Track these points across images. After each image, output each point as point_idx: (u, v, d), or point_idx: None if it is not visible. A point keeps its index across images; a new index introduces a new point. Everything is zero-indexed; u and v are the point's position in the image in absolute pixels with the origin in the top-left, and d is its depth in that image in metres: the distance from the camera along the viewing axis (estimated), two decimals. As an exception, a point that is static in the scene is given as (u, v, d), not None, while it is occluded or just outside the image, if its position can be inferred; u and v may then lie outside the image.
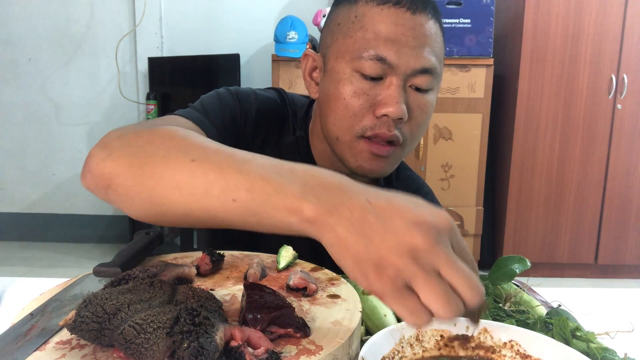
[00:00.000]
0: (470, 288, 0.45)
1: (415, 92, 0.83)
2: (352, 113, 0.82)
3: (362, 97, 0.82)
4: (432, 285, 0.44)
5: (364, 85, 0.81)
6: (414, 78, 0.82)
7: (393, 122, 0.81)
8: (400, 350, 0.55)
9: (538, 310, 0.69)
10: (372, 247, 0.45)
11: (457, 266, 0.45)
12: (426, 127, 0.90)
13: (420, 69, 0.81)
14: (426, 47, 0.82)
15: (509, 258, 0.73)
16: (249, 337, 0.49)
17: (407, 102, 0.82)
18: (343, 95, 0.83)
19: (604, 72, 2.87)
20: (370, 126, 0.82)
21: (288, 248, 0.79)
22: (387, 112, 0.80)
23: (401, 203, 0.47)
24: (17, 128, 3.50)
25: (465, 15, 2.79)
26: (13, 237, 3.55)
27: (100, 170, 0.60)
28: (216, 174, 0.52)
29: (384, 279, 0.44)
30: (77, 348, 0.51)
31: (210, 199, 0.53)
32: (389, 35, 0.80)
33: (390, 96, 0.80)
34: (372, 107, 0.82)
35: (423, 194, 1.04)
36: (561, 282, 3.03)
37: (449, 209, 2.97)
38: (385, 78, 0.81)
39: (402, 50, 0.80)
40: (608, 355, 0.57)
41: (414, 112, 0.83)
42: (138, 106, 3.44)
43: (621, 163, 2.95)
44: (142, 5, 3.29)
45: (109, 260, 0.70)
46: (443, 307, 0.44)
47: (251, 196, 0.50)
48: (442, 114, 2.88)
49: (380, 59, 0.80)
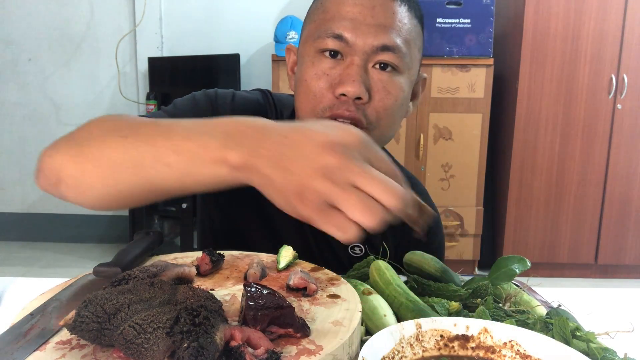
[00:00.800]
0: (386, 192, 0.47)
1: (379, 71, 0.81)
2: (312, 94, 0.82)
3: (323, 78, 0.81)
4: (349, 198, 0.47)
5: (325, 66, 0.81)
6: (375, 56, 0.80)
7: (353, 102, 0.80)
8: (400, 350, 0.55)
9: (538, 310, 0.69)
10: (292, 177, 0.48)
11: (370, 175, 0.47)
12: (398, 114, 0.86)
13: (379, 45, 0.79)
14: (388, 26, 0.80)
15: (509, 258, 0.73)
16: (249, 337, 0.49)
17: (370, 82, 0.81)
18: (305, 77, 0.83)
19: (604, 72, 2.87)
20: (329, 106, 0.81)
21: (288, 248, 0.79)
22: (344, 90, 0.78)
23: (313, 129, 0.50)
24: (17, 128, 3.50)
25: (465, 15, 2.79)
26: (13, 237, 3.55)
27: (49, 166, 0.62)
28: (146, 145, 0.55)
29: (307, 204, 0.47)
30: (77, 348, 0.51)
31: (147, 169, 0.55)
32: (347, 15, 0.80)
33: (348, 74, 0.79)
34: (332, 87, 0.80)
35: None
36: (561, 282, 3.03)
37: (449, 209, 2.97)
38: (346, 58, 0.81)
39: (360, 27, 0.79)
40: (608, 355, 0.57)
41: (378, 92, 0.81)
42: (138, 106, 3.44)
43: (621, 163, 2.95)
44: (142, 5, 3.29)
45: (109, 260, 0.70)
46: (365, 216, 0.47)
47: (180, 157, 0.53)
48: (442, 114, 2.89)
49: (337, 37, 0.80)
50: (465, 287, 0.73)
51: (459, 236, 3.00)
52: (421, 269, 0.78)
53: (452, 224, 2.98)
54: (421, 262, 0.78)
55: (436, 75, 2.85)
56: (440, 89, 2.86)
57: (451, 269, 0.78)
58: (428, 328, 0.58)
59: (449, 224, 2.98)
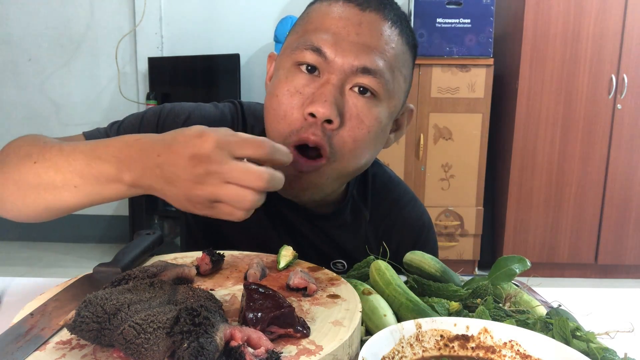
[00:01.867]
0: (250, 180, 0.57)
1: (357, 95, 0.74)
2: (282, 113, 0.75)
3: (296, 96, 0.74)
4: (225, 194, 0.57)
5: (299, 82, 0.74)
6: (354, 77, 0.73)
7: (321, 125, 0.72)
8: (400, 350, 0.55)
9: (538, 310, 0.69)
10: (177, 189, 0.58)
11: (233, 170, 0.56)
12: (370, 147, 0.77)
13: (360, 67, 0.72)
14: (372, 46, 0.73)
15: (509, 258, 0.73)
16: (249, 337, 0.49)
17: (344, 106, 0.73)
18: (277, 92, 0.76)
19: (604, 72, 2.87)
20: (296, 129, 0.73)
21: (288, 248, 0.78)
22: (314, 110, 0.71)
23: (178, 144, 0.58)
24: (17, 128, 3.50)
25: (465, 15, 2.79)
26: (13, 237, 3.55)
27: None
28: (54, 171, 0.64)
29: (197, 206, 0.59)
30: (77, 348, 0.51)
31: (59, 190, 0.64)
32: (330, 28, 0.73)
33: (321, 94, 0.72)
34: (303, 106, 0.73)
35: (418, 226, 0.98)
36: (561, 282, 3.03)
37: (449, 209, 2.97)
38: (322, 75, 0.73)
39: (342, 44, 0.72)
40: (608, 355, 0.57)
41: (350, 120, 0.73)
42: (138, 106, 3.44)
43: (621, 163, 2.95)
44: (142, 5, 3.29)
45: (109, 260, 0.70)
46: (240, 204, 0.58)
47: (84, 180, 0.63)
48: (442, 114, 2.89)
49: (316, 50, 0.72)
50: (465, 287, 0.73)
51: (459, 236, 3.00)
52: (421, 269, 0.78)
53: (452, 224, 2.98)
54: (421, 262, 0.78)
55: (436, 75, 2.85)
56: (440, 89, 2.86)
57: (451, 269, 0.78)
58: (428, 328, 0.58)
59: (449, 224, 2.98)
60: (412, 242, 0.97)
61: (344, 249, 0.95)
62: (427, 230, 0.99)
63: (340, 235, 0.94)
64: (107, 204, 3.52)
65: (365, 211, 0.95)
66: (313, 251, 0.94)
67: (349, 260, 0.95)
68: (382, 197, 0.97)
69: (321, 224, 0.93)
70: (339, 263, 0.95)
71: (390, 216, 0.97)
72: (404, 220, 0.97)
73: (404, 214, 0.97)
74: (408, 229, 0.97)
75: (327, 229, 0.94)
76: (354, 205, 0.95)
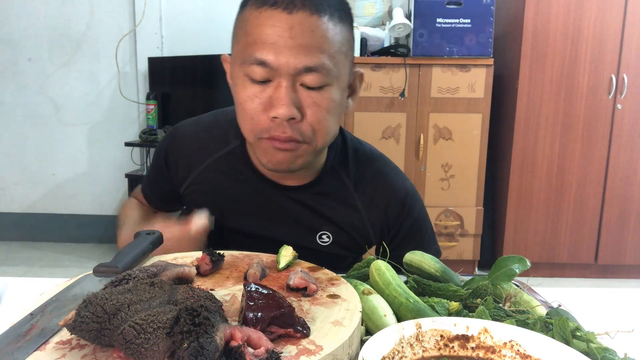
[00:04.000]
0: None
1: (307, 90, 0.82)
2: (249, 117, 0.84)
3: (255, 101, 0.82)
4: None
5: (255, 89, 0.82)
6: (301, 77, 0.81)
7: (286, 123, 0.82)
8: (400, 350, 0.55)
9: (538, 310, 0.69)
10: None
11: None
12: (334, 120, 0.88)
13: (302, 68, 0.80)
14: (308, 45, 0.79)
15: (509, 258, 0.73)
16: (249, 337, 0.49)
17: (300, 100, 0.82)
18: (240, 99, 0.85)
19: (604, 72, 2.87)
20: (265, 129, 0.83)
21: (288, 248, 0.79)
22: (276, 114, 0.80)
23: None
24: (17, 128, 3.50)
25: (465, 15, 2.79)
26: (13, 237, 3.55)
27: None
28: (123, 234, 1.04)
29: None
30: (77, 348, 0.51)
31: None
32: (267, 38, 0.79)
33: (278, 98, 0.80)
34: (266, 109, 0.82)
35: (402, 192, 1.02)
36: (561, 282, 3.03)
37: (449, 209, 2.97)
38: (274, 80, 0.81)
39: (281, 51, 0.79)
40: (608, 355, 0.57)
41: (309, 109, 0.83)
42: (138, 106, 3.44)
43: (621, 163, 2.95)
44: (142, 5, 3.29)
45: (109, 260, 0.70)
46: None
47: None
48: (442, 114, 2.88)
49: (261, 63, 0.80)
50: (465, 287, 0.73)
51: (459, 236, 3.00)
52: (421, 269, 0.78)
53: (452, 224, 2.98)
54: (421, 262, 0.78)
55: (436, 75, 2.85)
56: (440, 89, 2.86)
57: (451, 269, 0.78)
58: (428, 328, 0.58)
59: (449, 224, 2.98)
60: (399, 207, 1.02)
61: (331, 219, 1.00)
62: (411, 195, 1.04)
63: (324, 203, 1.00)
64: (107, 204, 3.53)
65: (347, 180, 1.01)
66: (299, 225, 1.00)
67: (341, 230, 1.01)
68: (365, 167, 1.03)
69: (302, 196, 0.99)
70: (324, 235, 1.00)
71: (375, 184, 1.02)
72: (389, 188, 1.02)
73: (387, 181, 1.03)
74: (393, 196, 1.02)
75: (307, 199, 1.00)
76: (334, 174, 1.01)
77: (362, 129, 2.88)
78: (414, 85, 2.85)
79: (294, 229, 0.99)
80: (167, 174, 1.07)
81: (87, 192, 3.57)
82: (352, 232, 1.01)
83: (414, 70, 2.84)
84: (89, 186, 3.56)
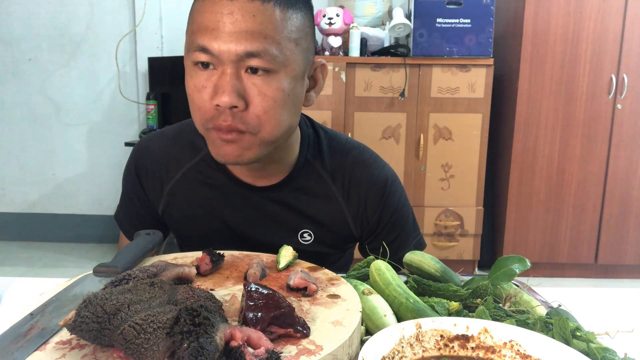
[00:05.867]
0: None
1: (253, 76, 0.80)
2: (197, 106, 0.83)
3: (202, 90, 0.82)
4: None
5: (201, 78, 0.82)
6: (243, 62, 0.80)
7: (229, 111, 0.81)
8: (400, 350, 0.55)
9: (538, 310, 0.69)
10: None
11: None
12: (286, 112, 0.85)
13: (243, 53, 0.79)
14: (249, 30, 0.78)
15: (509, 258, 0.73)
16: (249, 337, 0.49)
17: (245, 88, 0.80)
18: (188, 90, 0.84)
19: (604, 72, 2.87)
20: (211, 117, 0.82)
21: (288, 248, 0.79)
22: (218, 101, 0.80)
23: None
24: (17, 128, 3.50)
25: (465, 15, 2.79)
26: (13, 237, 3.55)
27: None
28: None
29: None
30: (77, 348, 0.51)
31: None
32: (208, 25, 0.79)
33: (220, 85, 0.80)
34: (212, 97, 0.81)
35: (382, 180, 1.01)
36: (561, 282, 3.03)
37: (449, 209, 2.97)
38: (217, 67, 0.80)
39: (221, 37, 0.78)
40: (608, 355, 0.57)
41: (254, 97, 0.81)
42: (138, 106, 3.44)
43: (621, 163, 2.95)
44: (142, 5, 3.29)
45: (109, 260, 0.70)
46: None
47: None
48: (442, 114, 2.88)
49: (203, 49, 0.79)
50: (465, 287, 0.73)
51: (459, 236, 3.00)
52: (421, 269, 0.78)
53: (452, 224, 2.98)
54: (421, 262, 0.78)
55: (436, 75, 2.85)
56: (440, 89, 2.86)
57: (451, 269, 0.78)
58: (428, 328, 0.58)
59: (449, 224, 2.98)
60: (379, 196, 1.01)
61: (311, 216, 0.99)
62: (391, 182, 1.03)
63: (302, 200, 0.99)
64: (106, 204, 3.53)
65: (323, 172, 1.00)
66: (279, 225, 0.99)
67: (322, 227, 1.00)
68: (341, 157, 1.02)
69: (279, 194, 0.98)
70: (305, 233, 1.00)
71: (353, 174, 1.01)
72: (367, 176, 1.01)
73: (365, 170, 1.01)
74: (372, 184, 1.01)
75: (284, 196, 0.98)
76: (310, 168, 0.99)
77: (362, 129, 2.88)
78: (414, 85, 2.85)
79: (275, 229, 0.99)
80: (142, 194, 1.03)
81: (86, 192, 3.57)
82: (333, 227, 1.00)
83: (414, 70, 2.84)
84: (88, 186, 3.56)
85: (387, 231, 1.02)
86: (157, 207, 1.03)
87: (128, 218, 1.07)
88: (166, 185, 1.01)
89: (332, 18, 2.82)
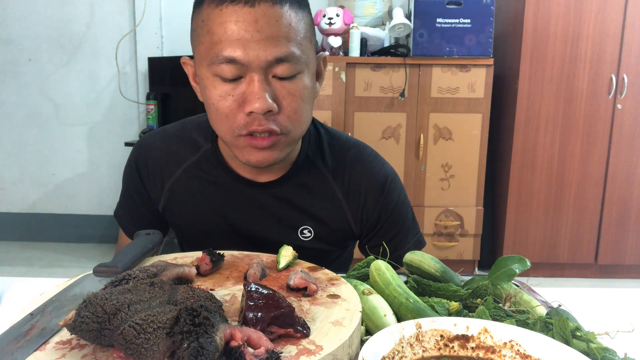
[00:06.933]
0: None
1: (280, 81, 0.82)
2: (224, 115, 0.83)
3: (228, 99, 0.82)
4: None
5: (226, 88, 0.82)
6: (272, 69, 0.81)
7: (264, 116, 0.81)
8: (400, 350, 0.55)
9: (538, 310, 0.69)
10: None
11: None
12: (309, 108, 0.88)
13: (273, 59, 0.79)
14: (275, 36, 0.79)
15: (509, 258, 0.73)
16: (249, 337, 0.49)
17: (275, 92, 0.82)
18: (211, 99, 0.84)
19: (604, 72, 2.87)
20: (243, 124, 0.82)
21: (288, 248, 0.79)
22: (252, 108, 0.80)
23: None
24: (17, 128, 3.50)
25: (465, 15, 2.79)
26: (13, 237, 3.55)
27: None
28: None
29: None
30: (77, 348, 0.51)
31: None
32: (233, 35, 0.78)
33: (253, 92, 0.80)
34: (241, 106, 0.82)
35: (382, 177, 1.02)
36: (561, 282, 3.03)
37: (449, 209, 2.97)
38: (246, 76, 0.81)
39: (249, 46, 0.78)
40: (608, 355, 0.57)
41: (284, 100, 0.83)
42: (138, 106, 3.44)
43: (621, 163, 2.95)
44: (142, 5, 3.29)
45: (109, 260, 0.70)
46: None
47: None
48: (442, 114, 2.88)
49: (231, 61, 0.79)
50: (465, 287, 0.73)
51: (459, 236, 3.00)
52: (421, 269, 0.78)
53: (452, 224, 2.98)
54: (421, 262, 0.78)
55: (436, 75, 2.85)
56: (440, 89, 2.86)
57: (451, 269, 0.78)
58: (428, 328, 0.58)
59: (448, 224, 2.98)
60: (378, 193, 1.01)
61: (311, 212, 1.00)
62: (391, 180, 1.03)
63: (303, 196, 0.99)
64: (106, 204, 3.53)
65: (324, 169, 1.00)
66: (279, 221, 0.99)
67: (322, 223, 1.00)
68: (342, 154, 1.03)
69: (280, 190, 0.99)
70: (305, 229, 1.00)
71: (353, 172, 1.01)
72: (367, 174, 1.02)
73: (366, 168, 1.02)
74: (372, 181, 1.02)
75: (285, 192, 0.99)
76: (311, 164, 1.00)
77: (362, 129, 2.88)
78: (414, 85, 2.85)
79: (275, 225, 0.99)
80: (142, 191, 1.03)
81: (86, 192, 3.57)
82: (333, 224, 1.01)
83: (414, 70, 2.84)
84: (88, 186, 3.56)
85: (386, 228, 1.03)
86: (158, 204, 1.03)
87: (128, 215, 1.07)
88: (167, 182, 1.01)
89: (332, 18, 2.82)
